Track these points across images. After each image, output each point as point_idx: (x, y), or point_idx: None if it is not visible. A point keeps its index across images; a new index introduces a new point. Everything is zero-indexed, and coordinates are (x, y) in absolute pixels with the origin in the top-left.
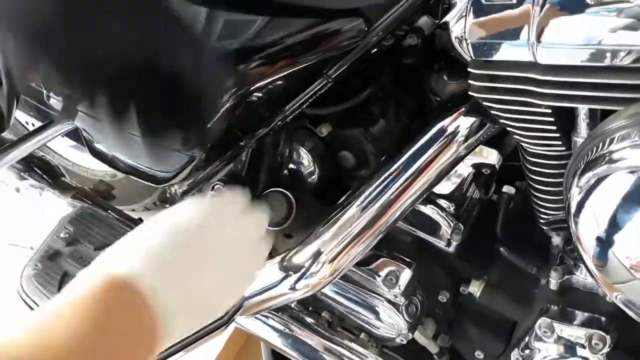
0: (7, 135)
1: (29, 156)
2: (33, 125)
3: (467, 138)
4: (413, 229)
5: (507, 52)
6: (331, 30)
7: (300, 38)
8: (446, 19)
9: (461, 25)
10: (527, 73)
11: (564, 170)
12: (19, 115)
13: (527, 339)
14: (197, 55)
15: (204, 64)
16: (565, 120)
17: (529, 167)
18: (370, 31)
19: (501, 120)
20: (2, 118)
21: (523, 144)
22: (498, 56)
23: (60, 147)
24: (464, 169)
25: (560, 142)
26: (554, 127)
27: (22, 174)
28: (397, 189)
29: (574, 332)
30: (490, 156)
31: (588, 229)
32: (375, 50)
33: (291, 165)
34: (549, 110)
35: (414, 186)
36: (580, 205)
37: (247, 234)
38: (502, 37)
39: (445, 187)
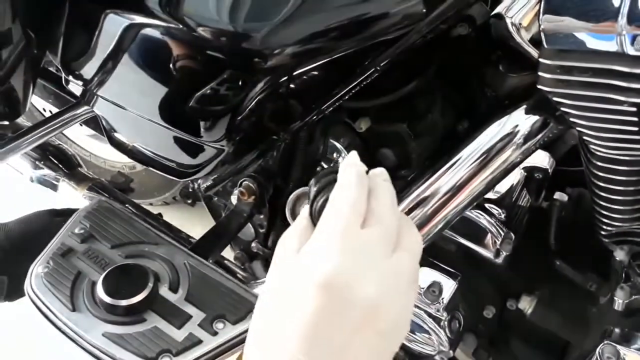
0: (23, 122)
1: (45, 144)
2: (51, 112)
3: (526, 140)
4: (458, 236)
5: (588, 39)
6: (382, 11)
7: (343, 21)
8: (499, 8)
9: (520, 12)
10: (612, 65)
11: (636, 177)
12: (37, 102)
13: None
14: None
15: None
16: None
17: (596, 172)
18: (425, 16)
19: (572, 119)
20: (18, 103)
21: (591, 147)
22: (576, 44)
23: (77, 136)
24: (516, 172)
25: (638, 146)
26: (636, 128)
27: (37, 162)
28: (443, 195)
29: None
30: (543, 160)
31: None
32: (422, 39)
33: (325, 163)
34: (633, 109)
35: (462, 193)
36: None
37: (399, 280)
38: (583, 21)
39: (494, 191)
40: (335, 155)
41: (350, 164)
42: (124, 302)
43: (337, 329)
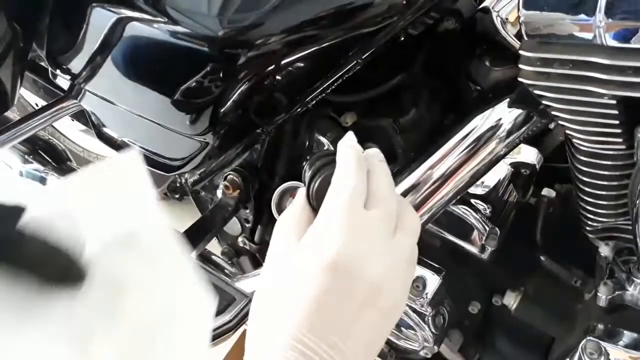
0: (14, 116)
1: (35, 139)
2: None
3: (509, 133)
4: (444, 232)
5: (568, 31)
6: (363, 2)
7: (326, 11)
8: (486, 2)
9: (506, 7)
10: (591, 56)
11: (620, 171)
12: (28, 96)
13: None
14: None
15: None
16: (629, 114)
17: (580, 167)
18: (407, 7)
19: (553, 112)
20: (6, 96)
21: (575, 141)
22: (556, 36)
23: (69, 130)
24: (502, 168)
25: (621, 139)
26: (617, 122)
27: (26, 156)
28: (427, 188)
29: (624, 355)
30: (530, 155)
31: None
32: (408, 33)
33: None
34: (613, 101)
35: (447, 186)
36: None
37: (400, 260)
38: (562, 13)
39: (480, 187)
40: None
41: (347, 145)
42: None
43: (341, 308)
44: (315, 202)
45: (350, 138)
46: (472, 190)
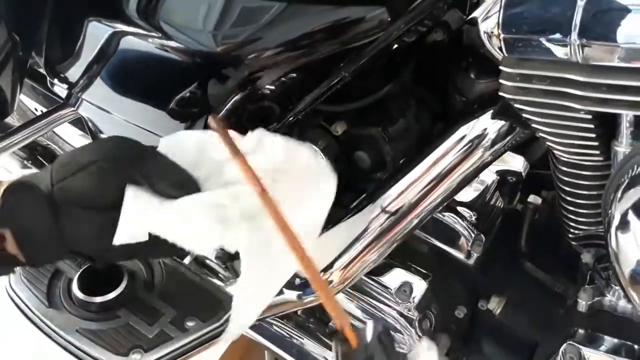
0: (12, 122)
1: (33, 144)
2: (42, 112)
3: (494, 143)
4: (431, 238)
5: (545, 49)
6: (351, 19)
7: (317, 26)
8: (475, 14)
9: (492, 20)
10: (567, 74)
11: (599, 182)
12: (28, 102)
13: None
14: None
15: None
16: (605, 128)
17: (561, 177)
18: (393, 22)
19: (533, 125)
20: (6, 102)
21: (555, 152)
22: (534, 54)
23: (70, 135)
24: (488, 175)
25: (598, 152)
26: (593, 135)
27: (25, 162)
28: (415, 195)
29: None
30: (516, 163)
31: (630, 248)
32: (397, 44)
33: None
34: (589, 116)
35: (434, 193)
36: (623, 223)
37: None
38: (540, 32)
39: (467, 194)
40: None
41: None
42: (98, 299)
43: None
44: None
45: None
46: (459, 197)
